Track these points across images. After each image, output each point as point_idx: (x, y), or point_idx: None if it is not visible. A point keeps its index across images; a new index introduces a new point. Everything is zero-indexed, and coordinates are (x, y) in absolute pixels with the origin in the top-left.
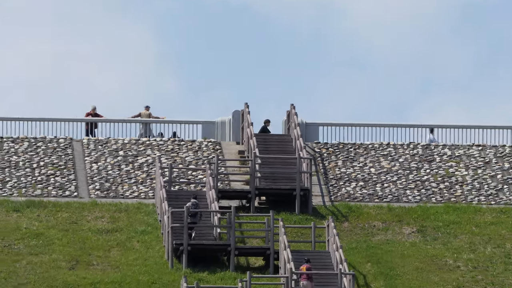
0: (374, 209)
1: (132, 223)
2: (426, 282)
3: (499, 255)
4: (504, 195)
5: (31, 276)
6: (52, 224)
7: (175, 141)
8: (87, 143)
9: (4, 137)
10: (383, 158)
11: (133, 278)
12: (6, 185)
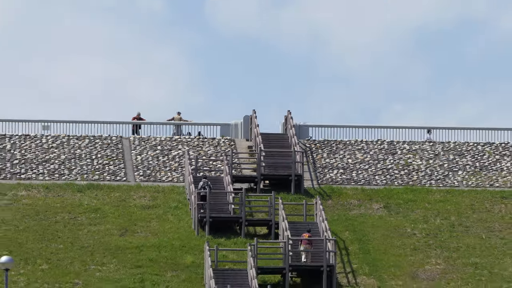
0: (351, 190)
1: (167, 201)
2: (390, 245)
3: (446, 225)
4: (450, 179)
5: (91, 241)
6: (106, 201)
7: (200, 138)
8: (133, 140)
9: (70, 135)
10: (358, 152)
11: (168, 242)
12: (72, 172)
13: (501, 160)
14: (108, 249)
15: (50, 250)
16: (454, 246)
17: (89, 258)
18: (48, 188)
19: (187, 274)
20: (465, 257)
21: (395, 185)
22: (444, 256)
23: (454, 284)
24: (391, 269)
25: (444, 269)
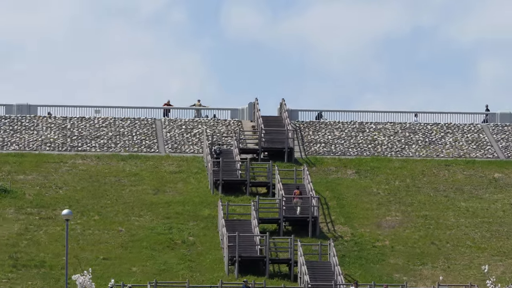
0: (330, 160)
1: (190, 167)
2: (360, 201)
3: (402, 186)
4: (406, 151)
5: (131, 198)
6: (143, 168)
7: (215, 120)
8: (164, 121)
9: (116, 117)
10: (335, 130)
11: (190, 199)
12: (117, 146)
13: (445, 136)
14: (144, 204)
15: (100, 205)
16: (409, 202)
17: (130, 211)
18: (99, 158)
19: (204, 224)
20: (417, 210)
21: (364, 156)
22: (401, 209)
23: (408, 231)
24: (361, 219)
25: (401, 220)
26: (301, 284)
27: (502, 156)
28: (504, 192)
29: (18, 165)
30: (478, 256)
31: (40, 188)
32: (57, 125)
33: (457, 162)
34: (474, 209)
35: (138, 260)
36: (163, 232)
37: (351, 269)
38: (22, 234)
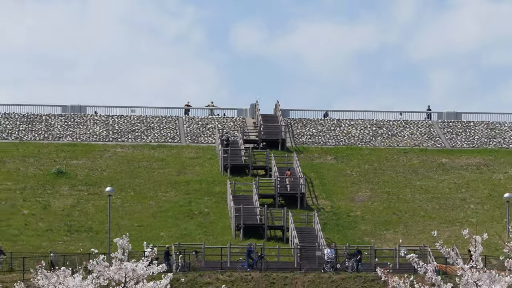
0: (314, 149)
1: (205, 154)
2: (338, 181)
3: (371, 169)
4: (373, 142)
5: (159, 178)
6: (168, 155)
7: (224, 117)
8: (184, 118)
9: (147, 115)
10: (318, 125)
11: (205, 179)
12: (148, 137)
13: (403, 130)
14: (169, 183)
15: (135, 184)
16: (376, 181)
17: (158, 188)
18: (134, 147)
19: (216, 198)
20: (382, 188)
21: (341, 145)
22: (369, 187)
23: (375, 204)
24: (338, 195)
25: (370, 195)
26: (292, 246)
27: (448, 146)
28: (449, 174)
29: (71, 152)
30: (429, 223)
31: (89, 171)
32: (101, 121)
33: (413, 150)
34: (426, 187)
35: (165, 227)
36: (184, 205)
37: (331, 234)
38: (75, 206)
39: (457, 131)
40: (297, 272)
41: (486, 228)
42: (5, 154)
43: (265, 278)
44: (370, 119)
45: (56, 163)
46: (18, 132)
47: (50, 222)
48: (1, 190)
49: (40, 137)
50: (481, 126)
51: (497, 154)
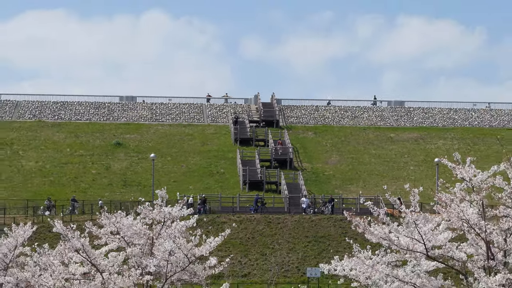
0: (300, 127)
1: (221, 130)
2: (316, 150)
3: (340, 141)
4: (342, 122)
5: (188, 148)
6: (195, 131)
7: (235, 104)
8: (207, 105)
9: (181, 103)
10: (303, 110)
11: (221, 148)
12: (181, 118)
13: (363, 114)
14: (196, 151)
15: (171, 152)
16: (343, 150)
17: (188, 155)
18: (171, 126)
19: (229, 162)
20: (348, 155)
21: (318, 125)
22: (339, 154)
23: (343, 166)
24: (316, 160)
25: (339, 160)
26: (283, 195)
27: (395, 125)
28: (396, 144)
29: (126, 129)
30: (381, 180)
31: (138, 142)
32: (147, 107)
33: (370, 128)
34: (379, 154)
35: (192, 182)
36: (206, 167)
37: (311, 187)
38: (128, 168)
39: (401, 114)
40: (286, 214)
41: (421, 183)
42: (80, 131)
43: (264, 219)
44: (340, 106)
45: (115, 137)
46: (89, 115)
47: (111, 179)
48: (77, 156)
49: (104, 118)
50: (419, 111)
51: (429, 130)
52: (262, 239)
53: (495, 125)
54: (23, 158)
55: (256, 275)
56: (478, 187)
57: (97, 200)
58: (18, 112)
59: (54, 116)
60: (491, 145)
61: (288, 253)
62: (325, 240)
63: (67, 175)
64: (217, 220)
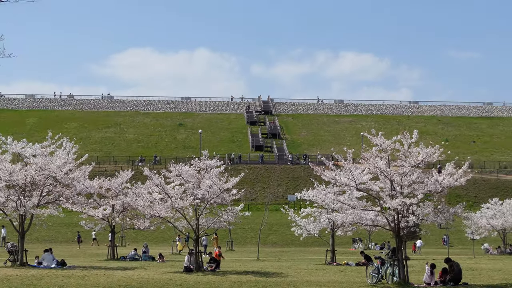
0: (284, 115)
1: (239, 117)
2: (293, 128)
3: (308, 123)
4: (309, 112)
5: (220, 126)
6: (222, 117)
7: (247, 101)
8: (231, 102)
9: (216, 101)
10: (286, 106)
11: (238, 127)
12: (216, 110)
13: (321, 107)
14: (225, 129)
15: (211, 129)
16: (309, 128)
17: (219, 130)
18: (211, 114)
19: (244, 135)
20: (312, 130)
21: (294, 113)
22: (307, 131)
23: (309, 137)
24: (294, 134)
25: (306, 133)
26: (274, 153)
27: (338, 113)
28: (339, 124)
29: (185, 116)
30: (331, 145)
31: (192, 124)
32: (197, 103)
33: (323, 115)
34: (330, 130)
35: (222, 146)
36: (230, 138)
37: (292, 149)
38: (186, 138)
39: (342, 107)
40: (276, 165)
41: (353, 147)
42: (158, 117)
43: (263, 167)
44: (306, 102)
45: (179, 120)
46: (164, 108)
47: (176, 144)
48: (157, 131)
49: (172, 109)
50: (351, 105)
51: (358, 117)
52: (263, 178)
53: (396, 113)
54: (126, 133)
55: (259, 199)
56: (385, 149)
57: (169, 156)
58: (123, 106)
59: (144, 108)
60: (393, 125)
61: (278, 186)
62: (299, 179)
63: (151, 142)
64: (237, 167)
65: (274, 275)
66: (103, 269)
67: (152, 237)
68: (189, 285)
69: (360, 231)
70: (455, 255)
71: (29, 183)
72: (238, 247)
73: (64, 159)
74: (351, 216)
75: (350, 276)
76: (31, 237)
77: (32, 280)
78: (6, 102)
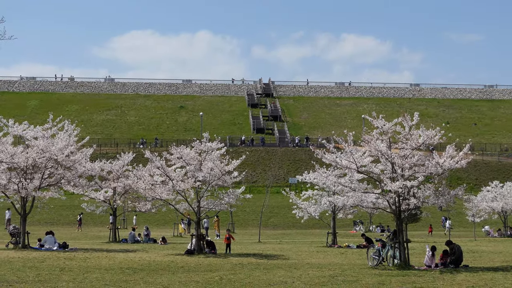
0: (285, 97)
1: (240, 99)
2: (294, 110)
3: (308, 106)
4: (310, 95)
5: (222, 108)
6: (226, 100)
7: (248, 84)
8: (232, 84)
9: (218, 84)
10: (286, 88)
11: (240, 109)
12: (218, 92)
13: (311, 90)
14: (226, 111)
15: (212, 111)
16: (310, 110)
17: (221, 112)
18: (212, 97)
19: (245, 117)
20: (312, 112)
21: (295, 96)
22: (308, 113)
23: (310, 120)
24: (294, 116)
25: (307, 116)
26: (275, 136)
27: (339, 95)
28: (340, 107)
29: (186, 99)
30: (331, 127)
31: (193, 106)
32: (198, 85)
33: (325, 98)
34: (331, 113)
35: (224, 129)
36: (231, 120)
37: (292, 131)
38: (187, 121)
39: (343, 89)
40: (277, 148)
41: (354, 129)
42: (159, 99)
43: (264, 149)
44: (308, 85)
45: (180, 103)
46: (164, 90)
47: (177, 127)
48: (158, 114)
49: (173, 92)
50: (352, 88)
51: (359, 99)
52: (264, 161)
53: (397, 95)
54: (127, 115)
55: (260, 181)
56: (386, 131)
57: (170, 139)
58: (124, 88)
59: (145, 91)
60: (394, 108)
61: (279, 169)
62: (300, 162)
63: (152, 124)
64: (238, 150)
65: (276, 257)
66: (104, 251)
67: (153, 220)
68: (190, 267)
69: (361, 214)
70: (456, 237)
71: (31, 166)
72: (239, 229)
73: (66, 141)
74: (352, 199)
75: (351, 259)
76: (32, 219)
77: (34, 262)
78: (7, 85)
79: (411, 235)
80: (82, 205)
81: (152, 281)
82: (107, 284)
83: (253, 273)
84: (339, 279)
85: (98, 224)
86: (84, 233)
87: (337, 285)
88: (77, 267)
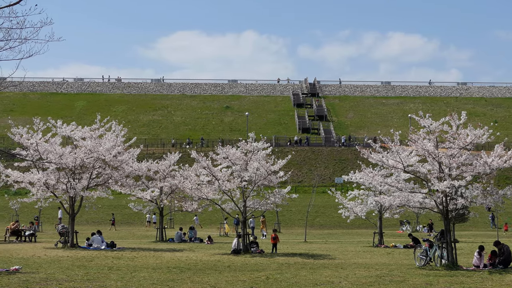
0: (330, 97)
1: (285, 99)
2: (340, 110)
3: (355, 105)
4: (356, 94)
5: (267, 108)
6: (269, 100)
7: (293, 84)
8: (277, 84)
9: (264, 84)
10: (332, 88)
11: (286, 109)
12: (265, 92)
13: (366, 90)
14: (271, 111)
15: (257, 111)
16: (355, 109)
17: (267, 112)
18: (258, 97)
19: (290, 117)
20: (359, 112)
21: (341, 95)
22: (353, 112)
23: (356, 119)
24: (340, 115)
25: (353, 115)
26: (321, 136)
27: (385, 95)
28: (386, 106)
29: (232, 99)
30: (377, 127)
31: (238, 106)
32: (243, 86)
33: (370, 97)
34: (377, 112)
35: (269, 128)
36: (277, 120)
37: (338, 131)
38: (233, 121)
39: (388, 89)
40: (323, 147)
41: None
42: (206, 99)
43: (310, 149)
44: (353, 84)
45: (226, 103)
46: (211, 90)
47: (223, 127)
48: (204, 114)
49: (219, 92)
50: (398, 87)
51: (405, 99)
52: (309, 161)
53: (444, 94)
54: (174, 115)
55: (306, 181)
56: (433, 131)
57: (216, 139)
58: (170, 89)
59: (191, 91)
60: (441, 107)
61: (324, 169)
62: (346, 162)
63: (199, 125)
64: (283, 150)
65: (322, 257)
66: (151, 250)
67: (200, 219)
68: (236, 266)
69: (408, 214)
70: (505, 237)
71: (79, 166)
72: (285, 229)
73: (113, 142)
74: (399, 199)
75: (398, 259)
76: (81, 219)
77: (82, 261)
78: (56, 86)
79: (459, 235)
80: (129, 204)
81: (199, 280)
82: (154, 283)
83: (299, 273)
84: (386, 279)
85: (146, 223)
86: (131, 232)
87: (384, 285)
88: (125, 266)
